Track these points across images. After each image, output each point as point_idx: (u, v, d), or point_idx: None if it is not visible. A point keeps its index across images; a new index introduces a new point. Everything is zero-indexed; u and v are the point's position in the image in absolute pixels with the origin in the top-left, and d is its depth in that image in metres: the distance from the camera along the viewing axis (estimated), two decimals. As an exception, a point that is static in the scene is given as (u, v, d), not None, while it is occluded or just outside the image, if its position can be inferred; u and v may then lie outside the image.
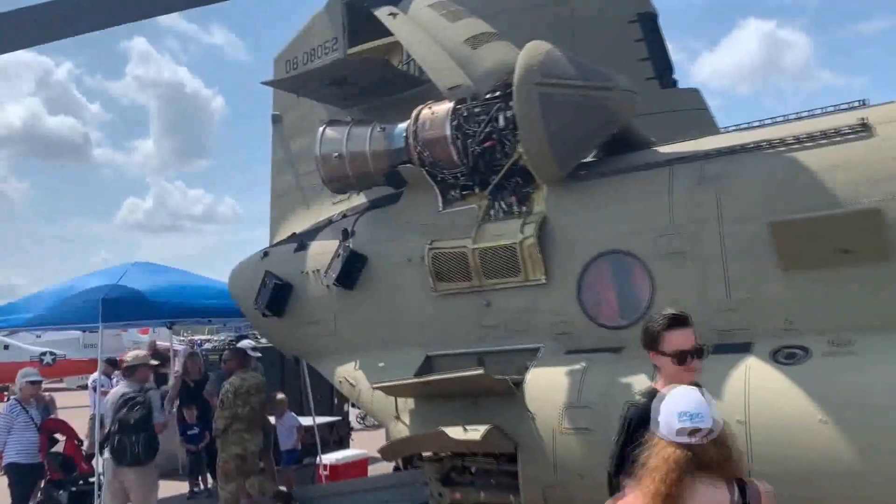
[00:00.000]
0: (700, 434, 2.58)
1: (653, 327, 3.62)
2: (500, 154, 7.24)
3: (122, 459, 7.97)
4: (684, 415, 2.60)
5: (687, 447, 2.56)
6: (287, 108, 10.83)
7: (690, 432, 2.58)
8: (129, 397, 8.09)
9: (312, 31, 10.37)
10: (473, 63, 7.35)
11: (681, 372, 3.49)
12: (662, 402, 2.76)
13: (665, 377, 3.62)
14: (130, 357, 8.63)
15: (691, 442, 2.58)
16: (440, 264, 7.37)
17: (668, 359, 3.51)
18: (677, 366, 3.48)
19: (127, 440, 7.91)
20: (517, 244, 6.91)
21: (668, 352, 3.50)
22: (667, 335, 3.57)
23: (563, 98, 6.66)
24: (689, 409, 2.63)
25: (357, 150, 8.00)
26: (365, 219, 8.56)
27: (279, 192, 10.85)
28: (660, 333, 3.59)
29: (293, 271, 8.84)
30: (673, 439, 2.59)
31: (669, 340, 3.51)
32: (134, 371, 8.40)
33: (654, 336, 3.60)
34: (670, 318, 3.67)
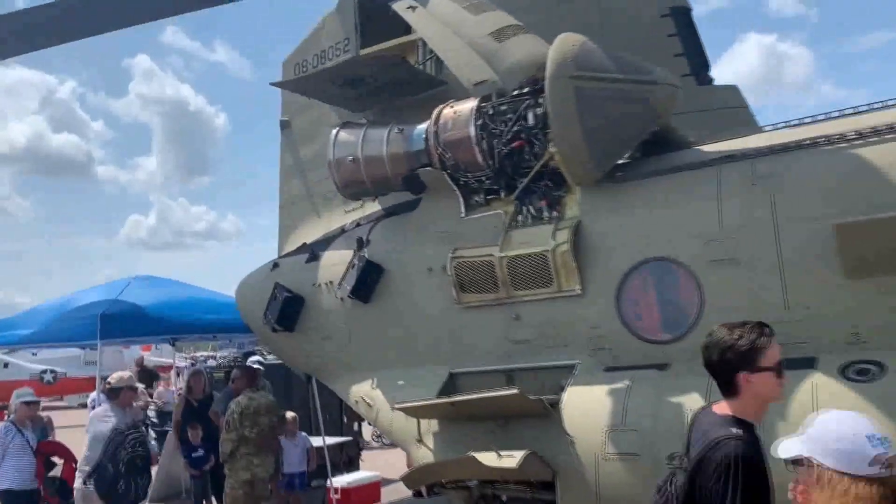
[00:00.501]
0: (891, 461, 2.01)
1: (754, 341, 3.05)
2: (528, 155, 6.72)
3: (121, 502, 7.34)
4: (874, 438, 2.04)
5: (881, 482, 2.02)
6: (296, 113, 10.34)
7: (885, 462, 2.01)
8: (130, 434, 7.44)
9: (323, 33, 9.89)
10: (499, 57, 6.84)
11: (778, 387, 3.07)
12: (827, 427, 2.17)
13: (753, 397, 3.07)
14: (115, 379, 7.98)
15: (888, 474, 2.01)
16: (464, 274, 6.82)
17: (768, 374, 3.03)
18: (777, 379, 3.04)
19: (133, 483, 7.29)
20: (549, 252, 6.37)
21: (770, 365, 3.02)
22: (770, 347, 3.05)
23: (601, 92, 6.14)
24: (875, 433, 2.07)
25: (373, 153, 7.48)
26: (381, 227, 8.02)
27: (288, 200, 10.33)
28: (763, 347, 3.04)
29: (304, 283, 8.30)
30: (865, 473, 2.00)
31: (772, 352, 3.04)
32: (118, 394, 7.75)
33: (754, 351, 3.04)
34: (763, 326, 3.13)
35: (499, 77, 6.78)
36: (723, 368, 3.13)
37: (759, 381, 3.04)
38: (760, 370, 3.03)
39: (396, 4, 7.94)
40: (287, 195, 10.39)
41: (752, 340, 3.06)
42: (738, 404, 3.12)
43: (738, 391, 3.11)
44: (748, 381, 3.06)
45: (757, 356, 3.04)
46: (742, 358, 3.05)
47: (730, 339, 3.13)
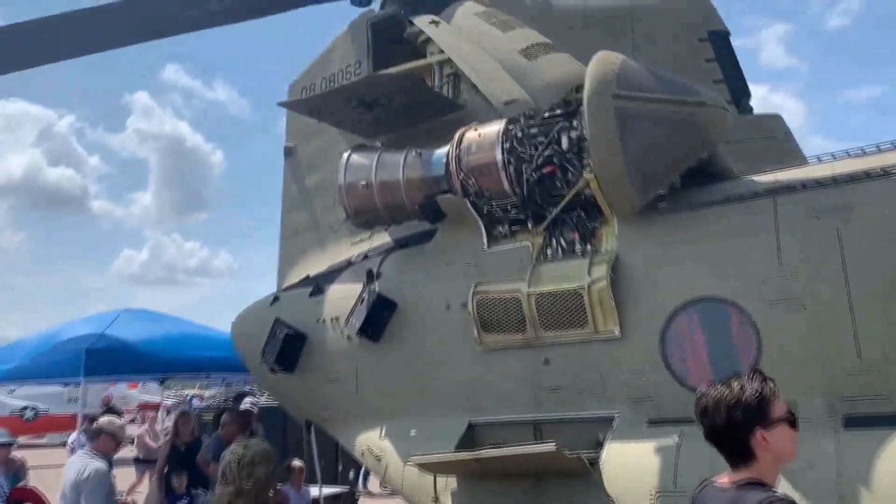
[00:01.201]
0: None
1: (761, 391, 2.59)
2: (560, 182, 6.12)
3: None
4: None
5: None
6: (302, 139, 9.76)
7: None
8: None
9: (333, 55, 9.39)
10: (531, 76, 6.30)
11: (794, 440, 2.65)
12: None
13: (772, 459, 2.59)
14: (105, 421, 7.13)
15: None
16: (487, 312, 6.16)
17: (783, 427, 2.62)
18: (792, 430, 2.64)
19: None
20: (584, 289, 5.73)
21: (783, 415, 2.63)
22: (778, 394, 2.63)
23: (645, 113, 5.58)
24: None
25: (388, 178, 6.88)
26: (393, 259, 7.38)
27: (290, 230, 9.68)
28: (773, 395, 2.60)
29: (307, 319, 7.61)
30: None
31: (781, 401, 2.66)
32: (98, 437, 6.85)
33: (764, 402, 2.58)
34: (758, 372, 2.69)
35: (530, 97, 6.20)
36: (733, 431, 2.61)
37: (777, 437, 2.57)
38: (775, 423, 2.56)
39: (418, 19, 7.44)
40: (289, 225, 9.75)
41: (758, 391, 2.58)
42: (753, 472, 2.60)
43: (752, 456, 2.59)
44: (765, 440, 2.55)
45: (769, 408, 2.57)
46: (753, 413, 2.56)
47: (733, 395, 2.61)
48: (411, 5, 8.12)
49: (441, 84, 8.10)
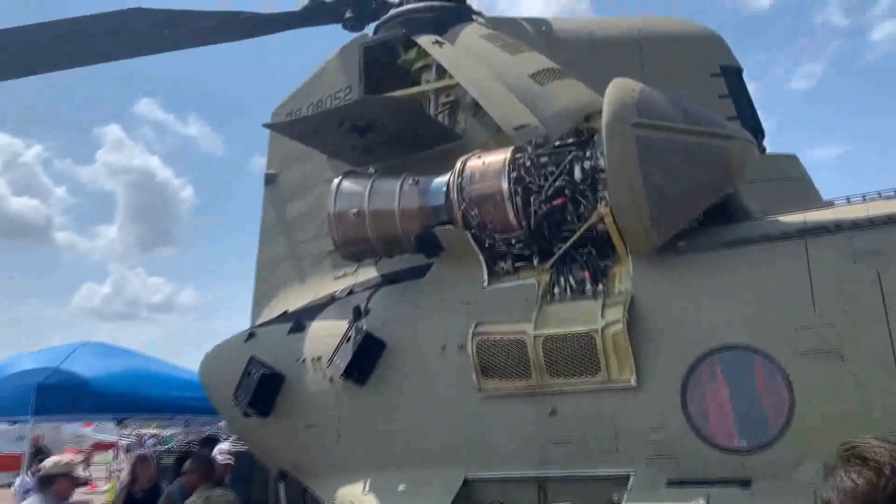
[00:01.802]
0: None
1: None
2: (571, 216, 5.67)
3: None
4: None
5: None
6: (284, 166, 9.23)
7: None
8: None
9: (322, 80, 8.94)
10: (541, 102, 5.88)
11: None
12: None
13: None
14: (50, 464, 6.40)
15: None
16: (488, 355, 5.62)
17: None
18: None
19: None
20: (597, 332, 5.23)
21: None
22: None
23: (667, 144, 5.16)
24: None
25: (382, 206, 6.36)
26: (382, 295, 6.83)
27: (268, 263, 9.08)
28: None
29: (286, 359, 6.98)
30: None
31: None
32: (51, 483, 6.14)
33: None
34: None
35: (541, 123, 5.76)
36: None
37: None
38: None
39: (421, 39, 7.01)
40: (267, 256, 9.15)
41: None
42: None
43: None
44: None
45: None
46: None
47: None
48: (409, 29, 7.71)
49: (437, 113, 7.67)
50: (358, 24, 9.05)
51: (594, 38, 7.22)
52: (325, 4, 9.01)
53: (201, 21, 9.08)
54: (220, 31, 9.22)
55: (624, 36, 7.15)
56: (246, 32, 9.23)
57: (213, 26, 9.15)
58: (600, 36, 7.23)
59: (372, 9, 9.03)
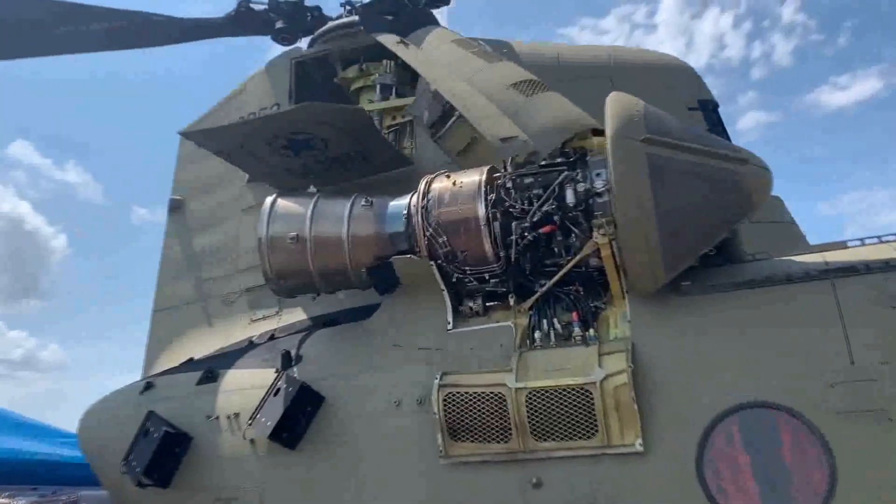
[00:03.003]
0: None
1: None
2: (559, 247, 4.84)
3: None
4: None
5: None
6: (194, 192, 8.02)
7: None
8: None
9: (244, 96, 7.88)
10: (526, 114, 5.07)
11: None
12: None
13: None
14: None
15: None
16: (458, 412, 4.62)
17: None
18: None
19: None
20: (594, 386, 4.35)
21: None
22: None
23: (680, 165, 4.45)
24: None
25: (328, 232, 5.32)
26: (317, 339, 5.73)
27: (167, 302, 7.74)
28: None
29: (194, 415, 5.69)
30: None
31: None
32: None
33: None
34: None
35: (529, 137, 4.93)
36: None
37: None
38: None
39: (383, 37, 6.10)
40: (167, 295, 7.80)
41: None
42: None
43: None
44: None
45: None
46: None
47: None
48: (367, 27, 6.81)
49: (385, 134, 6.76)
50: (290, 36, 8.11)
51: (561, 64, 6.56)
52: (254, 12, 8.02)
53: (106, 20, 7.89)
54: (132, 35, 8.06)
55: (594, 64, 6.53)
56: (164, 37, 8.10)
57: (122, 28, 7.98)
58: (568, 63, 6.57)
59: (307, 22, 8.12)
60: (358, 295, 5.89)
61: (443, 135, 6.16)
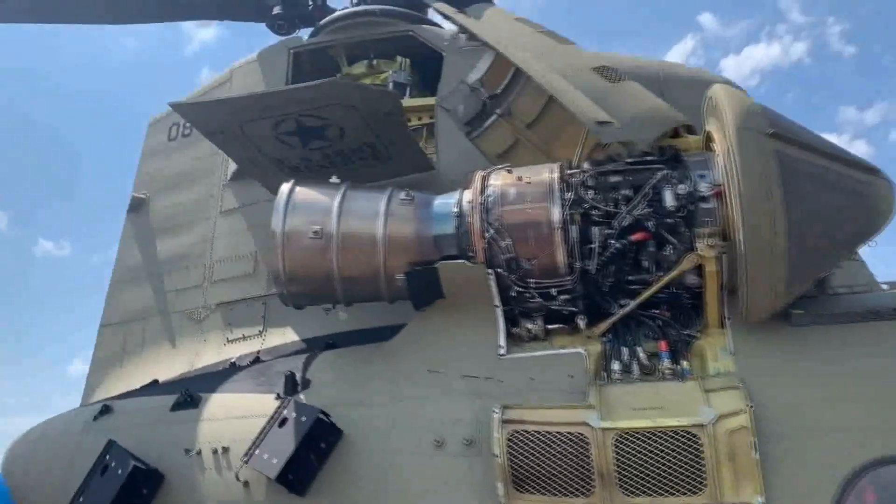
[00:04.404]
0: None
1: None
2: (649, 260, 4.04)
3: None
4: None
5: None
6: (159, 189, 6.93)
7: None
8: None
9: (228, 88, 6.90)
10: (615, 101, 4.32)
11: None
12: None
13: None
14: None
15: None
16: (525, 456, 3.70)
17: None
18: None
19: None
20: (702, 429, 3.52)
21: None
22: None
23: (811, 168, 3.75)
24: None
25: (359, 228, 4.38)
26: (326, 362, 4.71)
27: (120, 315, 6.57)
28: None
29: (167, 448, 4.54)
30: None
31: None
32: None
33: None
34: None
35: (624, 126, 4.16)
36: None
37: None
38: None
39: (439, 5, 5.26)
40: (119, 308, 6.62)
41: None
42: None
43: None
44: None
45: None
46: None
47: None
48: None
49: None
50: (287, 24, 7.20)
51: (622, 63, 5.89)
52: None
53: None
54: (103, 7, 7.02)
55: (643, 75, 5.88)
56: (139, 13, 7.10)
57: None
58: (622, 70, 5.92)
59: (307, 10, 7.25)
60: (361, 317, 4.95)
61: (481, 134, 5.37)
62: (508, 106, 5.27)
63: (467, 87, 5.44)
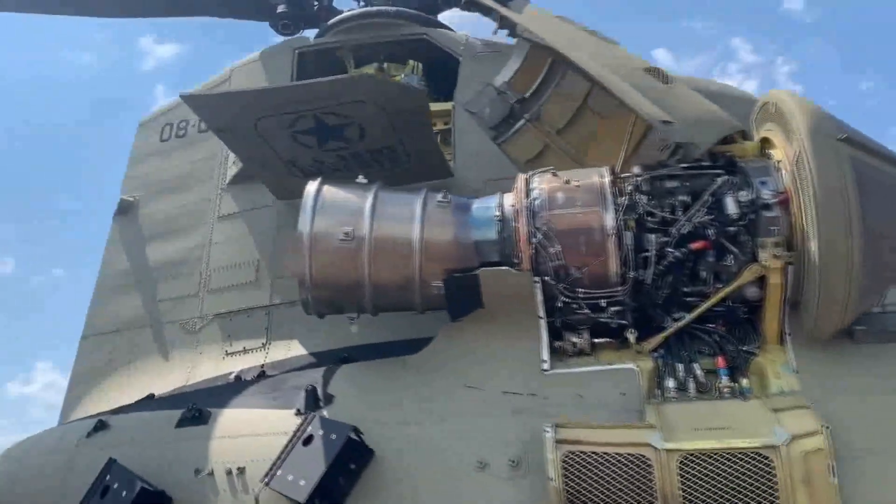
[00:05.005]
0: None
1: None
2: (707, 270, 3.82)
3: None
4: None
5: None
6: (149, 192, 6.53)
7: None
8: None
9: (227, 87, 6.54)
10: (671, 103, 4.11)
11: None
12: None
13: None
14: None
15: None
16: (583, 480, 3.40)
17: None
18: None
19: None
20: (775, 451, 3.29)
21: None
22: None
23: (887, 178, 3.60)
24: None
25: (394, 232, 4.08)
26: (346, 376, 4.37)
27: (104, 325, 6.13)
28: None
29: (173, 467, 4.13)
30: None
31: None
32: None
33: None
34: None
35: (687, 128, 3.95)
36: None
37: None
38: None
39: None
40: (104, 318, 6.18)
41: None
42: None
43: None
44: None
45: None
46: None
47: None
48: None
49: None
50: (291, 24, 6.89)
51: None
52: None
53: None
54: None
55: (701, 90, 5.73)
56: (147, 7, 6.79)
57: None
58: None
59: (312, 10, 6.96)
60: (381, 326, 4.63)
61: (508, 139, 5.13)
62: (538, 110, 5.07)
63: (493, 90, 5.21)
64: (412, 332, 4.62)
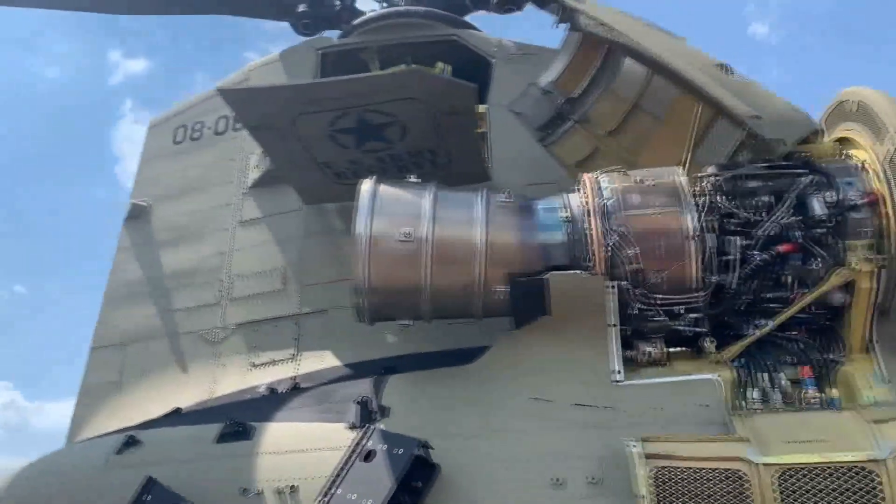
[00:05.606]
0: None
1: None
2: (792, 274, 3.64)
3: None
4: None
5: None
6: (163, 195, 6.22)
7: None
8: None
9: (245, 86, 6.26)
10: (751, 99, 3.95)
11: None
12: None
13: None
14: None
15: None
16: (676, 496, 3.18)
17: None
18: None
19: None
20: (879, 465, 3.10)
21: None
22: None
23: None
24: None
25: (455, 234, 3.84)
26: (398, 388, 4.10)
27: (115, 336, 5.80)
28: None
29: (216, 486, 3.81)
30: None
31: None
32: None
33: None
34: None
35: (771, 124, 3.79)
36: None
37: None
38: None
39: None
40: (115, 328, 5.83)
41: None
42: None
43: None
44: None
45: None
46: None
47: None
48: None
49: None
50: (312, 24, 6.65)
51: None
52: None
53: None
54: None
55: None
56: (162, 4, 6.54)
57: None
58: None
59: (334, 11, 6.72)
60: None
61: (556, 141, 4.94)
62: (586, 112, 4.88)
63: (538, 91, 5.02)
64: (450, 341, 4.40)
